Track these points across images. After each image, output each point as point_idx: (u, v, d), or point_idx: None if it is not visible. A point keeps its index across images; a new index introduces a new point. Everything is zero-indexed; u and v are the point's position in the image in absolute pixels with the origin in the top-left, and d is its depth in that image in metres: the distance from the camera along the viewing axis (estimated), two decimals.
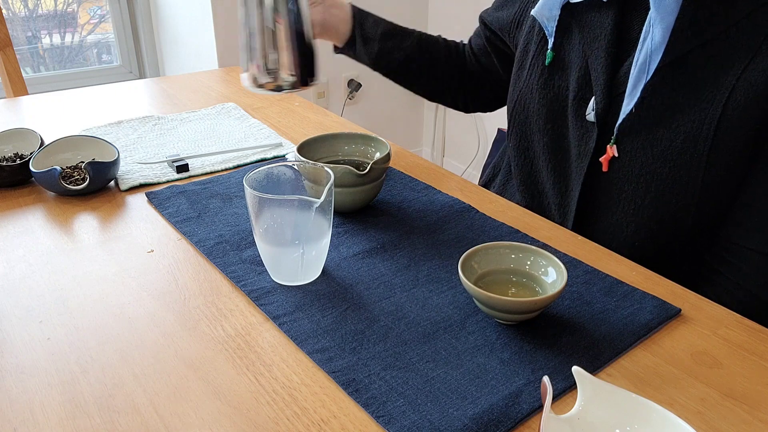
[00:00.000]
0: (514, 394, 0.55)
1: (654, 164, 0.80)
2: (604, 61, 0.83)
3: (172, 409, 0.55)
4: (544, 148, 0.92)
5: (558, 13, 0.88)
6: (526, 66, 0.95)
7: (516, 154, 0.98)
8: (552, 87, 0.90)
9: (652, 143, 0.80)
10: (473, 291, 0.62)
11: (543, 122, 0.91)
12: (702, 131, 0.77)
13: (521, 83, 0.95)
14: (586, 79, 0.86)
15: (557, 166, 0.91)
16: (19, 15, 2.33)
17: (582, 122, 0.86)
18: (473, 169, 2.65)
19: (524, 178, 0.98)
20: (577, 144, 0.87)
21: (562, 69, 0.89)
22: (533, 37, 0.94)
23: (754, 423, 0.53)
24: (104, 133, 1.10)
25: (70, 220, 0.84)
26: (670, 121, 0.79)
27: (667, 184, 0.80)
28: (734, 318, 0.66)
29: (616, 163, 0.83)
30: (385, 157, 0.83)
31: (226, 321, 0.65)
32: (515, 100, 0.96)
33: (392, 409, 0.54)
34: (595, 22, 0.85)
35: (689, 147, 0.78)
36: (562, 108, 0.89)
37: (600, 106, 0.83)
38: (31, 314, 0.66)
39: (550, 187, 0.93)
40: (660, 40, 0.76)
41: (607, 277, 0.71)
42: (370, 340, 0.62)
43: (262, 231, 0.68)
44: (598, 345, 0.61)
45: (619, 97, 0.83)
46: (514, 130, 0.97)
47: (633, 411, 0.50)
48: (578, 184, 0.87)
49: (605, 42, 0.83)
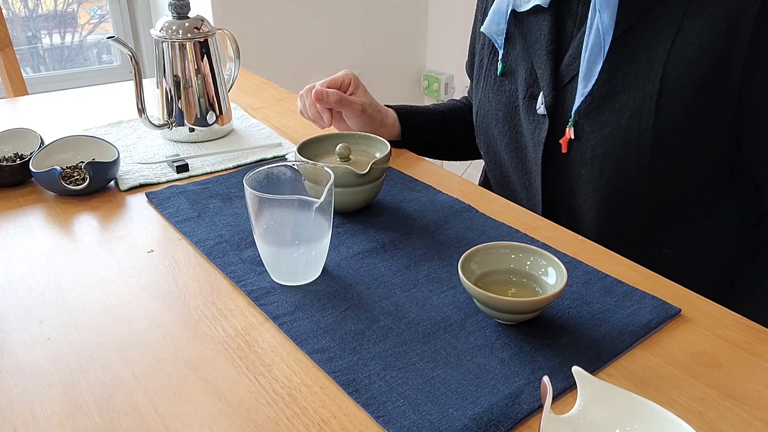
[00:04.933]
0: (514, 394, 0.55)
1: (605, 144, 0.85)
2: (546, 59, 0.90)
3: (172, 409, 0.55)
4: (506, 148, 0.98)
5: (505, 26, 0.95)
6: (481, 79, 1.03)
7: (487, 160, 1.05)
8: (504, 92, 0.97)
9: (600, 125, 0.85)
10: (473, 291, 0.62)
11: (501, 125, 0.97)
12: (644, 107, 0.82)
13: (479, 94, 1.02)
14: (533, 78, 0.93)
15: (518, 162, 0.97)
16: (19, 15, 2.32)
17: (533, 116, 0.92)
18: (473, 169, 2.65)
19: (496, 180, 1.05)
20: (531, 137, 0.93)
21: (511, 74, 0.97)
22: (485, 52, 1.02)
23: (754, 423, 0.53)
24: (104, 133, 1.10)
25: (70, 220, 0.84)
26: (614, 102, 0.84)
27: (618, 161, 0.85)
28: (734, 318, 0.66)
29: (573, 146, 0.89)
30: (385, 157, 0.83)
31: (226, 321, 0.65)
32: (476, 111, 1.03)
33: (392, 409, 0.54)
34: (535, 26, 0.93)
35: (634, 124, 0.83)
36: (515, 108, 0.95)
37: (548, 98, 0.90)
38: (31, 314, 0.66)
39: (517, 182, 0.99)
40: (609, 22, 0.82)
41: (606, 277, 0.71)
42: (370, 340, 0.62)
43: (262, 231, 0.68)
44: (598, 345, 0.61)
45: (565, 88, 0.90)
46: (481, 139, 1.04)
47: (633, 411, 0.50)
48: (538, 173, 0.93)
49: (545, 41, 0.91)
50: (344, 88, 1.00)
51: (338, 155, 0.84)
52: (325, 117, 0.99)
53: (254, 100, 1.31)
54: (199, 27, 1.04)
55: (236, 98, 1.31)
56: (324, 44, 2.53)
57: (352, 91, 1.00)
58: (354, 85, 1.00)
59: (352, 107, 0.98)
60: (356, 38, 2.60)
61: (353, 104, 0.98)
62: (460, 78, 2.71)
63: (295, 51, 2.47)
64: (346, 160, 0.84)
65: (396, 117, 1.06)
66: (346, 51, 2.60)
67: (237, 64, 1.17)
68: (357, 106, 0.98)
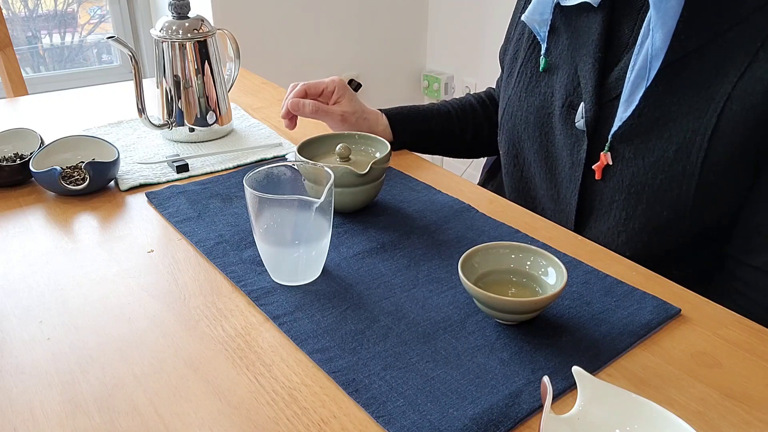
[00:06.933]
0: (514, 394, 0.55)
1: (646, 174, 0.78)
2: (592, 67, 0.82)
3: (172, 409, 0.55)
4: (536, 155, 0.91)
5: (549, 17, 0.86)
6: (514, 73, 0.95)
7: (506, 161, 0.98)
8: (539, 93, 0.89)
9: (644, 153, 0.78)
10: (473, 291, 0.62)
11: (532, 130, 0.91)
12: (695, 141, 0.74)
13: (510, 90, 0.95)
14: (575, 85, 0.84)
15: (548, 173, 0.90)
16: (19, 15, 2.32)
17: (571, 130, 0.85)
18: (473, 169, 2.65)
19: (515, 184, 0.98)
20: (568, 153, 0.86)
21: (550, 75, 0.88)
22: (522, 44, 0.94)
23: (754, 423, 0.53)
24: (104, 133, 1.10)
25: (70, 220, 0.84)
26: (663, 130, 0.77)
27: (658, 194, 0.78)
28: (734, 318, 0.66)
29: (609, 171, 0.82)
30: (385, 157, 0.83)
31: (226, 321, 0.65)
32: (504, 107, 0.97)
33: (392, 409, 0.54)
34: (584, 26, 0.83)
35: (682, 157, 0.75)
36: (549, 115, 0.88)
37: (590, 113, 0.82)
38: (31, 314, 0.66)
39: (544, 193, 0.93)
40: (660, 45, 0.73)
41: (606, 277, 0.71)
42: (370, 340, 0.62)
43: (262, 231, 0.68)
44: (598, 345, 0.61)
45: (609, 104, 0.81)
46: (504, 138, 0.97)
47: (633, 411, 0.50)
48: (575, 193, 0.86)
49: (593, 47, 0.82)
50: (327, 94, 0.99)
51: (338, 155, 0.84)
52: (288, 124, 1.00)
53: (254, 100, 1.31)
54: (199, 27, 1.04)
55: (236, 98, 1.31)
56: (324, 44, 2.53)
57: (336, 98, 0.98)
58: (339, 92, 0.98)
59: (331, 117, 0.97)
60: (356, 38, 2.60)
61: (331, 114, 0.97)
62: (460, 78, 2.71)
63: (295, 51, 2.47)
64: (346, 160, 0.84)
65: (387, 123, 1.03)
66: (346, 51, 2.60)
67: (237, 64, 1.17)
68: (336, 116, 0.97)
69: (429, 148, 1.10)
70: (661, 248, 0.82)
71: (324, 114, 0.97)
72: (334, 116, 0.97)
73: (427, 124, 1.07)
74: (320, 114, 0.97)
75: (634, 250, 0.82)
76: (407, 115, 1.05)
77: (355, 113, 0.99)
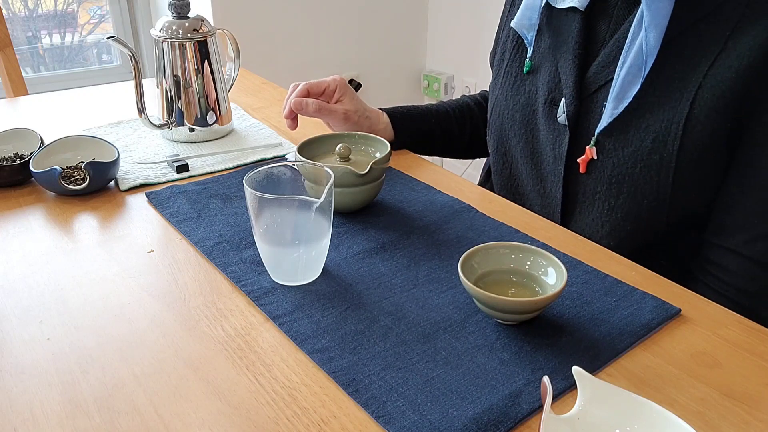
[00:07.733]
0: (514, 394, 0.55)
1: (625, 165, 0.81)
2: (572, 63, 0.85)
3: (172, 409, 0.55)
4: (521, 152, 0.94)
5: (537, 21, 0.90)
6: (501, 74, 0.98)
7: (495, 160, 1.01)
8: (524, 92, 0.93)
9: (623, 144, 0.80)
10: (473, 291, 0.62)
11: (517, 127, 0.93)
12: (671, 131, 0.77)
13: (497, 91, 0.98)
14: (556, 82, 0.87)
15: (534, 169, 0.93)
16: (19, 15, 2.32)
17: (553, 125, 0.88)
18: (473, 169, 2.65)
19: (504, 182, 1.00)
20: (551, 147, 0.88)
21: (533, 74, 0.91)
22: (508, 46, 0.98)
23: (754, 423, 0.53)
24: (104, 133, 1.10)
25: (70, 220, 0.84)
26: (641, 122, 0.79)
27: (638, 184, 0.80)
28: (734, 318, 0.66)
29: (592, 164, 0.84)
30: (385, 157, 0.83)
31: (226, 321, 0.65)
32: (492, 107, 1.00)
33: (392, 409, 0.54)
34: (564, 26, 0.87)
35: (659, 147, 0.78)
36: (533, 111, 0.91)
37: (570, 108, 0.85)
38: (31, 314, 0.66)
39: (531, 189, 0.95)
40: (654, 44, 0.76)
41: (606, 277, 0.71)
42: (370, 340, 0.62)
43: (262, 231, 0.68)
44: (598, 345, 0.61)
45: (589, 98, 0.84)
46: (492, 137, 1.00)
47: (633, 411, 0.50)
48: (559, 186, 0.89)
49: (573, 44, 0.85)
50: (329, 93, 0.99)
51: (338, 155, 0.84)
52: (290, 124, 1.00)
53: (254, 100, 1.31)
54: (199, 27, 1.04)
55: (236, 98, 1.31)
56: (324, 44, 2.53)
57: (337, 97, 0.99)
58: (340, 91, 0.99)
59: (334, 115, 0.98)
60: (356, 38, 2.60)
61: (334, 112, 0.97)
62: (460, 78, 2.71)
63: (295, 51, 2.47)
64: (346, 160, 0.84)
65: (388, 122, 1.04)
66: (346, 51, 2.60)
67: (237, 64, 1.17)
68: (339, 114, 0.97)
69: (429, 148, 1.11)
70: (644, 238, 0.84)
71: (327, 113, 0.98)
72: (336, 115, 0.98)
73: (427, 123, 1.08)
74: (323, 113, 0.97)
75: (617, 240, 0.84)
76: (408, 114, 1.06)
77: (357, 111, 0.99)
